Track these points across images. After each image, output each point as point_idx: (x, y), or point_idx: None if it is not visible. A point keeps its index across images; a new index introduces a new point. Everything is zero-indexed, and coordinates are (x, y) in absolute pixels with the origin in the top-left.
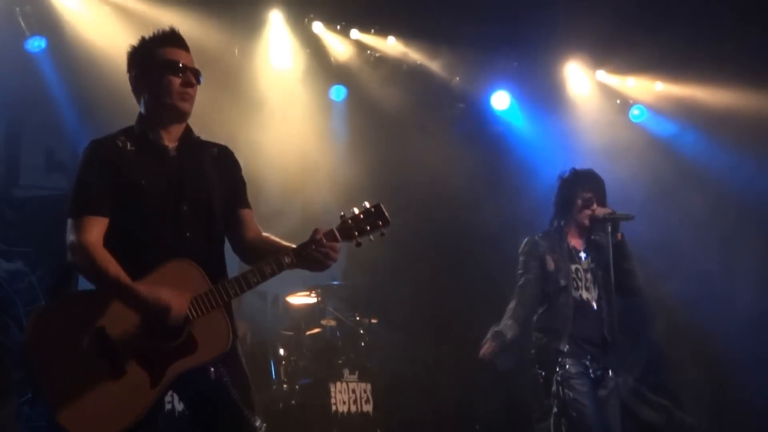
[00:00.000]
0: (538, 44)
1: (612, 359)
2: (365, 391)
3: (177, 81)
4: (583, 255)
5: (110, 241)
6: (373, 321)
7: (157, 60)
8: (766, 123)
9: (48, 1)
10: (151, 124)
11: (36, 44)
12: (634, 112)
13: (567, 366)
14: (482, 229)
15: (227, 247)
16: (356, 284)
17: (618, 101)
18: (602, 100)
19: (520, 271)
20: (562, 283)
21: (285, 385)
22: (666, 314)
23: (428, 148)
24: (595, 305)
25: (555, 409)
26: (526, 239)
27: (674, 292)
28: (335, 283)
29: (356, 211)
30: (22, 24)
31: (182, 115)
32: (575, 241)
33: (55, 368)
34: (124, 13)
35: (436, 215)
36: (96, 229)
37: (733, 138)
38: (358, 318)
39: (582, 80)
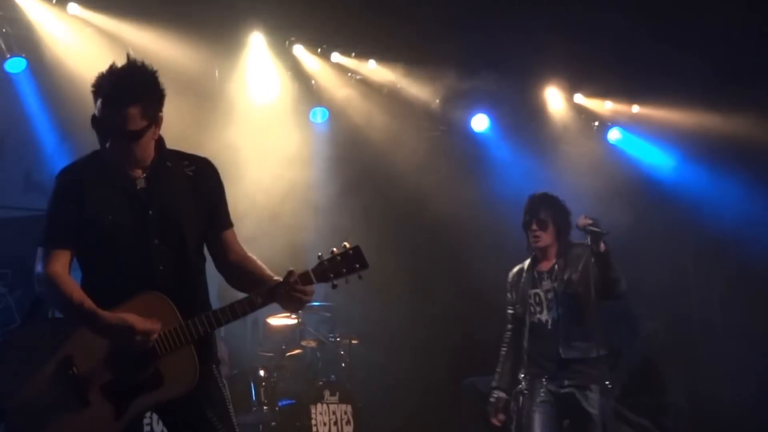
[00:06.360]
0: (517, 68)
1: (572, 373)
2: (346, 413)
3: (104, 141)
4: (545, 276)
5: (85, 277)
6: (354, 342)
7: (95, 110)
8: (742, 145)
9: (28, 22)
10: None
11: (15, 64)
12: (611, 134)
13: (523, 387)
14: (463, 250)
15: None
16: (337, 305)
17: (596, 123)
18: (580, 122)
19: (508, 312)
20: (519, 310)
21: (265, 407)
22: (645, 338)
23: (409, 170)
24: (550, 325)
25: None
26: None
27: (652, 313)
28: (315, 304)
29: (334, 251)
30: (2, 44)
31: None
32: (543, 264)
33: (20, 395)
34: (103, 34)
35: (417, 236)
36: (61, 260)
37: (712, 159)
38: (338, 339)
39: (560, 103)
